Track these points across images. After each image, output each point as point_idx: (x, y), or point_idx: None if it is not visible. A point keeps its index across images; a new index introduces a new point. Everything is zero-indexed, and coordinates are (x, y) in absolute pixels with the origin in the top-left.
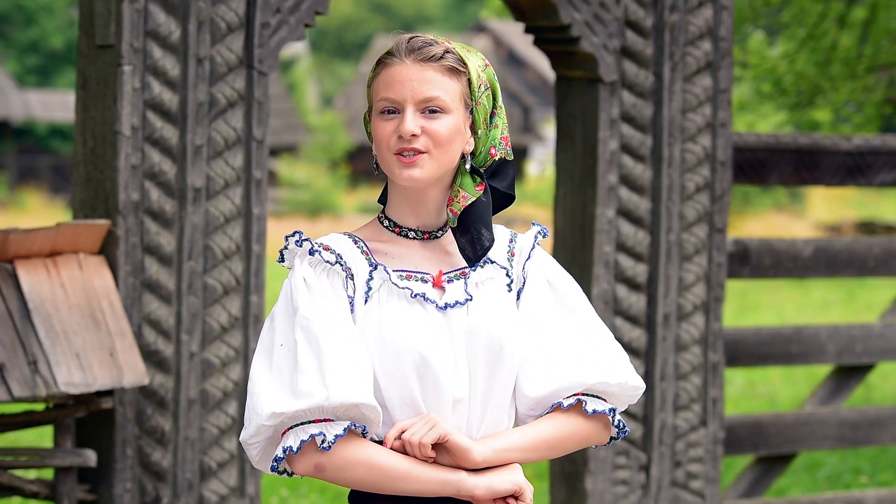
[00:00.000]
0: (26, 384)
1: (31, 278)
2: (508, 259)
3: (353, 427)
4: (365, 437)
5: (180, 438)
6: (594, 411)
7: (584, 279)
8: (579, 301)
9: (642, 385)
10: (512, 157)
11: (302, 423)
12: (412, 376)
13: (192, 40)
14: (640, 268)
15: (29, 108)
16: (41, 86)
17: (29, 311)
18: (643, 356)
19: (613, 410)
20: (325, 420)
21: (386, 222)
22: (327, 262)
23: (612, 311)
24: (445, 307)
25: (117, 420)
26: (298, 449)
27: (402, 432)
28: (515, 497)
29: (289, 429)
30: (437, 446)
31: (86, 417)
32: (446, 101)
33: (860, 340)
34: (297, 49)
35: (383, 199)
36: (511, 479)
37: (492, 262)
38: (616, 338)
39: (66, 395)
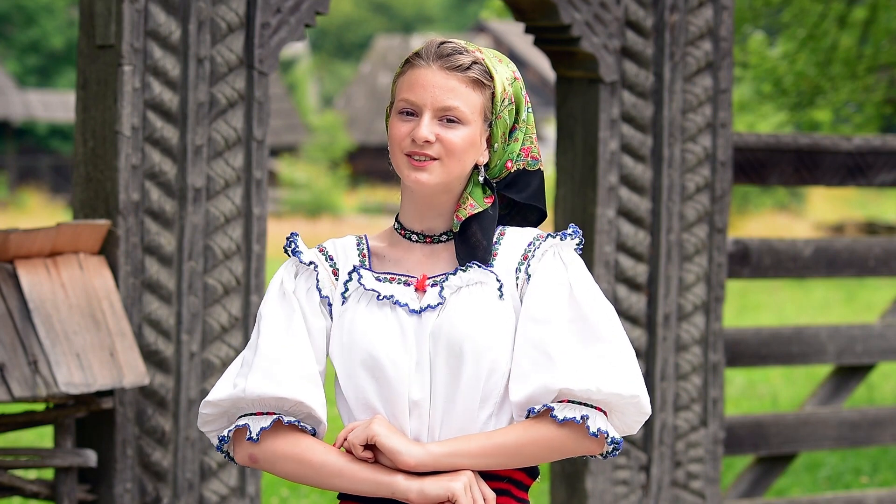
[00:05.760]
0: (26, 384)
1: (32, 278)
2: (519, 262)
3: (280, 420)
4: (306, 433)
5: (180, 438)
6: (564, 418)
7: None
8: (594, 307)
9: (636, 395)
10: (536, 168)
11: (244, 416)
12: (365, 377)
13: (193, 40)
14: (641, 268)
15: (29, 108)
16: (41, 86)
17: (29, 311)
18: (643, 356)
19: (585, 417)
20: (267, 413)
21: (396, 225)
22: (302, 263)
23: None
24: (420, 311)
25: (117, 420)
26: (227, 438)
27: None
28: (451, 503)
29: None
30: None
31: (86, 417)
32: (465, 112)
33: (860, 340)
34: (297, 49)
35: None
36: (446, 485)
37: (479, 267)
38: None
39: (67, 395)
